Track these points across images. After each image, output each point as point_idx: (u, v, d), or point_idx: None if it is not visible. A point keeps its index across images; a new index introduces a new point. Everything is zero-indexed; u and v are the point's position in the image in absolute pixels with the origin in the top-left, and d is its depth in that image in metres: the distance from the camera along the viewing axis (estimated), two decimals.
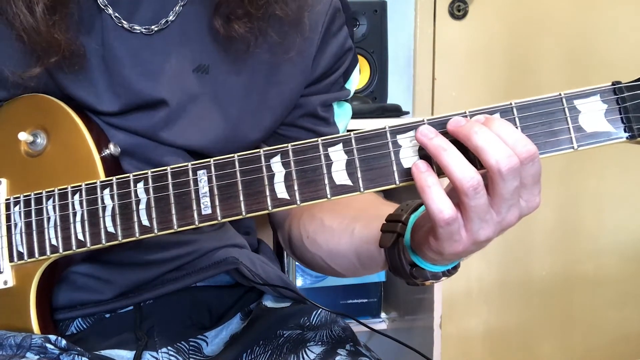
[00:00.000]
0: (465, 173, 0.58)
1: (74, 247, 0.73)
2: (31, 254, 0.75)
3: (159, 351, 0.82)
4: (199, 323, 0.87)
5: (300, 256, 0.93)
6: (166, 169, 0.69)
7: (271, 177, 0.65)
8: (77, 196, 0.73)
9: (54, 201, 0.74)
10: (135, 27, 0.79)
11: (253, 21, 0.79)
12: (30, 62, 0.76)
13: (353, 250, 0.81)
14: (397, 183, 0.62)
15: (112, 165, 0.77)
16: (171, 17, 0.80)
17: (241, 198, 0.66)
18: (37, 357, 0.72)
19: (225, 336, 0.87)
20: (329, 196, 0.64)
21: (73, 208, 0.73)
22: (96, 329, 0.83)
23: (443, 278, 0.69)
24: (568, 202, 2.33)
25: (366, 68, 1.87)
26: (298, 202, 0.65)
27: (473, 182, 0.57)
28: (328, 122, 0.93)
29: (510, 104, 0.61)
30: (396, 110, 1.79)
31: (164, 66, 0.80)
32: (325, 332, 0.81)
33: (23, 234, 0.75)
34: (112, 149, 0.77)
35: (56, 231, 0.74)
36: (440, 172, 0.60)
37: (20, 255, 0.75)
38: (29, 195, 0.76)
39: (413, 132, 0.62)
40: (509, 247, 2.30)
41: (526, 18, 2.22)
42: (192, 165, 0.68)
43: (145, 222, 0.70)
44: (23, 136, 0.77)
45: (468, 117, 0.61)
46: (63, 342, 0.74)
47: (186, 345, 0.84)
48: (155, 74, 0.79)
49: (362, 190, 0.63)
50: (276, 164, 0.65)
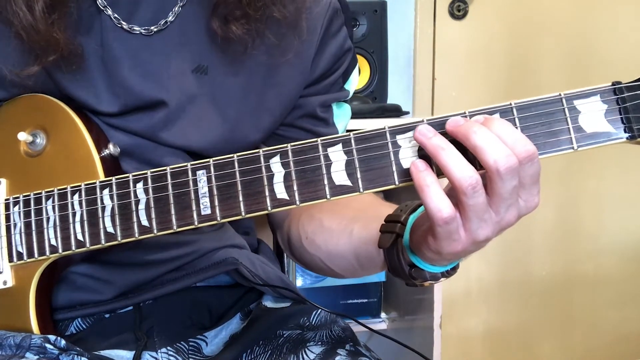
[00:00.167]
0: (463, 172, 0.57)
1: (74, 247, 0.73)
2: (30, 254, 0.75)
3: (159, 351, 0.82)
4: (199, 323, 0.87)
5: (299, 257, 0.92)
6: (165, 169, 0.69)
7: (270, 178, 0.65)
8: (77, 196, 0.73)
9: (54, 201, 0.74)
10: (134, 28, 0.79)
11: (251, 23, 0.79)
12: (28, 61, 0.76)
13: (352, 251, 0.81)
14: (397, 183, 0.62)
15: (112, 165, 0.77)
16: (170, 18, 0.80)
17: (240, 198, 0.66)
18: (37, 357, 0.72)
19: (225, 336, 0.87)
20: (329, 196, 0.64)
21: (72, 208, 0.73)
22: (96, 329, 0.83)
23: (442, 279, 0.68)
24: (568, 202, 2.33)
25: (366, 68, 1.87)
26: (297, 203, 0.65)
27: (472, 181, 0.57)
28: (327, 123, 0.93)
29: (510, 104, 0.61)
30: (396, 110, 1.79)
31: (163, 67, 0.80)
32: (325, 332, 0.81)
33: (22, 234, 0.75)
34: (112, 149, 0.77)
35: (55, 231, 0.74)
36: (439, 173, 0.60)
37: (19, 255, 0.75)
38: (29, 195, 0.76)
39: (413, 133, 0.62)
40: (509, 247, 2.30)
41: (526, 18, 2.22)
42: (192, 165, 0.68)
43: (144, 223, 0.70)
44: (22, 136, 0.77)
45: (468, 118, 0.61)
46: (62, 342, 0.74)
47: (186, 345, 0.84)
48: (154, 75, 0.79)
49: (362, 190, 0.63)
50: (276, 164, 0.65)
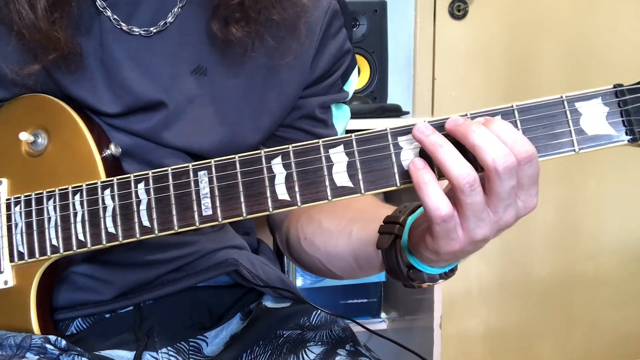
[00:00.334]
0: (461, 170, 0.58)
1: (75, 248, 0.73)
2: (32, 254, 0.75)
3: (159, 351, 0.82)
4: (199, 323, 0.87)
5: (297, 258, 0.92)
6: (167, 170, 0.69)
7: (272, 179, 0.65)
8: (78, 196, 0.73)
9: (55, 201, 0.74)
10: (134, 29, 0.79)
11: (250, 25, 0.79)
12: (28, 60, 0.76)
13: (351, 252, 0.81)
14: (398, 185, 0.62)
15: (113, 165, 0.77)
16: (170, 19, 0.80)
17: (242, 199, 0.66)
18: (37, 358, 0.72)
19: (225, 336, 0.87)
20: (330, 198, 0.64)
21: (74, 208, 0.73)
22: (96, 329, 0.83)
23: (440, 280, 0.68)
24: (568, 202, 2.33)
25: (366, 68, 1.87)
26: (299, 204, 0.65)
27: (469, 179, 0.57)
28: (326, 124, 0.93)
29: (511, 106, 0.61)
30: (396, 110, 1.78)
31: (163, 68, 0.80)
32: (325, 332, 0.81)
33: (24, 234, 0.75)
34: (113, 150, 0.77)
35: (57, 231, 0.74)
36: (441, 175, 0.60)
37: (20, 255, 0.76)
38: (30, 195, 0.76)
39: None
40: (509, 247, 2.30)
41: (526, 18, 2.22)
42: (193, 166, 0.68)
43: (146, 223, 0.70)
44: (24, 136, 0.77)
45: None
46: (63, 343, 0.74)
47: (186, 345, 0.84)
48: (154, 76, 0.79)
49: (363, 192, 0.63)
50: (277, 166, 0.65)
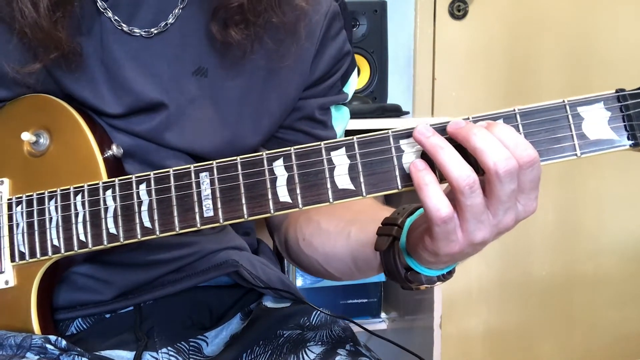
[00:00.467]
0: (461, 171, 0.58)
1: (76, 248, 0.73)
2: (33, 254, 0.75)
3: (159, 351, 0.82)
4: (199, 323, 0.87)
5: (296, 259, 0.92)
6: (169, 171, 0.69)
7: (273, 181, 0.65)
8: (80, 197, 0.73)
9: (56, 202, 0.74)
10: (134, 30, 0.79)
11: (250, 28, 0.79)
12: (29, 59, 0.76)
13: (349, 253, 0.81)
14: (400, 188, 0.62)
15: (115, 166, 0.77)
16: (170, 20, 0.80)
17: (243, 201, 0.66)
18: (37, 358, 0.72)
19: (225, 336, 0.87)
20: (331, 200, 0.64)
21: (75, 209, 0.73)
22: (96, 330, 0.83)
23: (438, 283, 0.69)
24: (568, 203, 2.33)
25: (366, 68, 1.87)
26: (300, 206, 0.65)
27: (469, 181, 0.57)
28: (326, 126, 0.93)
29: (513, 110, 0.61)
30: (396, 110, 1.78)
31: (164, 69, 0.80)
32: (325, 332, 0.81)
33: (25, 234, 0.75)
34: (115, 150, 0.77)
35: (58, 232, 0.74)
36: (442, 178, 0.60)
37: (21, 255, 0.76)
38: (31, 195, 0.76)
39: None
40: (509, 248, 2.30)
41: (526, 18, 2.22)
42: (195, 167, 0.68)
43: (147, 224, 0.70)
44: (26, 136, 0.77)
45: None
46: (63, 343, 0.74)
47: (186, 345, 0.84)
48: (154, 77, 0.79)
49: (365, 194, 0.63)
50: (279, 168, 0.65)
